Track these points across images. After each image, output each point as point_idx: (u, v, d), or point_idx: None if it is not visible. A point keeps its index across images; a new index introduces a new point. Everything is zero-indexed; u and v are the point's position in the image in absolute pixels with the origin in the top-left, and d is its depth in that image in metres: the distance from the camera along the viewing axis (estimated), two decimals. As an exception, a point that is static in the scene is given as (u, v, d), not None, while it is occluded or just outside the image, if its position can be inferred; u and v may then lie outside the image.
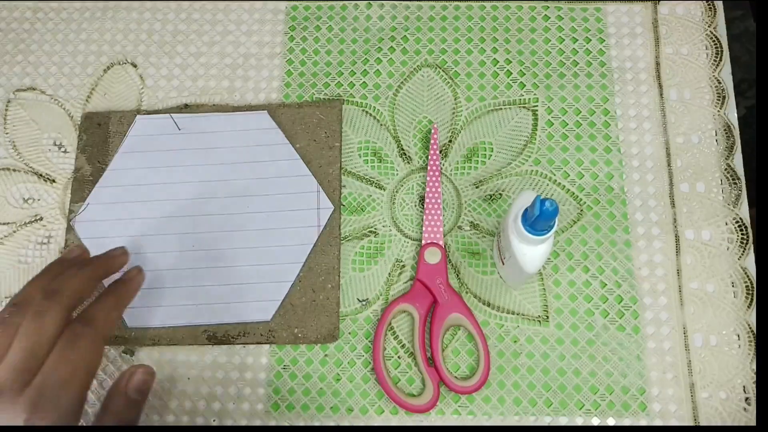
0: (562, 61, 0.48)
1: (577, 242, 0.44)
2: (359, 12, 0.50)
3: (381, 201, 0.45)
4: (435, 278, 0.42)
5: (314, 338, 0.42)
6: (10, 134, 0.48)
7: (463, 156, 0.46)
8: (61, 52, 0.49)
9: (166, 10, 0.50)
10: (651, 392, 0.41)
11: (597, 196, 0.45)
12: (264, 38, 0.49)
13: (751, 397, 0.41)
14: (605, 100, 0.47)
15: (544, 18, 0.49)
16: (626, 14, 0.49)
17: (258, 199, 0.45)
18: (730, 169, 0.45)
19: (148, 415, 0.41)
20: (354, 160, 0.46)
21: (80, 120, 0.47)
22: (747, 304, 0.43)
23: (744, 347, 0.42)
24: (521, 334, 0.43)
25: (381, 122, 0.47)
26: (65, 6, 0.51)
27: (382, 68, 0.48)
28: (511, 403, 0.41)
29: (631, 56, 0.48)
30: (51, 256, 0.45)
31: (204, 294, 0.43)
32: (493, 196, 0.45)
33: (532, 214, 0.34)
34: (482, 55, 0.48)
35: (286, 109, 0.47)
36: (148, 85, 0.48)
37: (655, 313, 0.43)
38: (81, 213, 0.45)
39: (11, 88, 0.49)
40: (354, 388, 0.42)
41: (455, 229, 0.45)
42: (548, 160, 0.46)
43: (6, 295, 0.44)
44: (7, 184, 0.47)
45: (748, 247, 0.44)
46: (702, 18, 0.49)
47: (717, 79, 0.47)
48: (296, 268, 0.44)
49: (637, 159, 0.46)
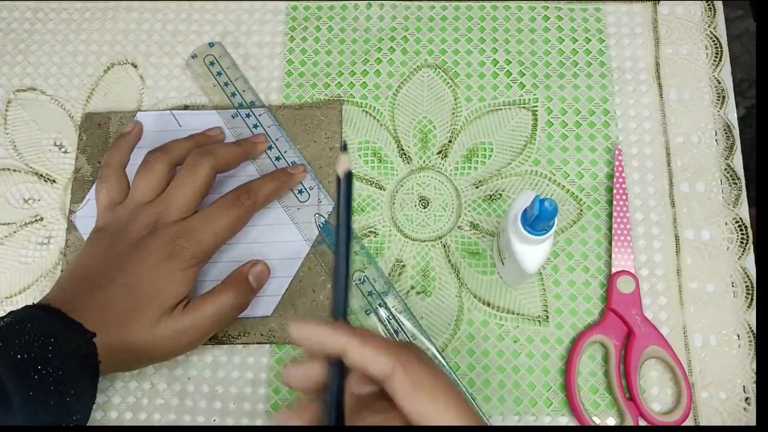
0: (562, 61, 0.48)
1: (577, 242, 0.44)
2: (359, 12, 0.50)
3: (381, 201, 0.45)
4: (630, 308, 0.41)
5: (314, 338, 0.42)
6: (11, 134, 0.48)
7: (463, 156, 0.46)
8: (61, 52, 0.49)
9: (166, 10, 0.50)
10: (651, 392, 0.41)
11: (597, 196, 0.45)
12: (264, 38, 0.49)
13: (751, 397, 0.41)
14: (605, 100, 0.47)
15: (544, 18, 0.49)
16: (626, 14, 0.49)
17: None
18: (730, 169, 0.45)
19: (150, 415, 0.41)
20: (354, 161, 0.46)
21: (80, 120, 0.48)
22: (747, 304, 0.43)
23: (744, 347, 0.42)
24: (521, 334, 0.43)
25: (381, 122, 0.47)
26: (65, 6, 0.51)
27: (382, 68, 0.48)
28: (511, 403, 0.41)
29: (630, 56, 0.48)
30: (51, 257, 0.45)
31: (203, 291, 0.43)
32: (493, 196, 0.45)
33: (531, 214, 0.34)
34: (482, 56, 0.48)
35: (286, 110, 0.47)
36: (148, 85, 0.48)
37: (654, 313, 0.43)
38: (81, 209, 0.45)
39: (11, 89, 0.49)
40: (354, 388, 0.42)
41: (455, 229, 0.45)
42: (548, 160, 0.46)
43: (6, 295, 0.44)
44: (8, 185, 0.47)
45: (748, 247, 0.44)
46: (702, 18, 0.49)
47: (717, 79, 0.47)
48: (296, 264, 0.44)
49: (637, 159, 0.46)
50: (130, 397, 0.42)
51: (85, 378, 0.35)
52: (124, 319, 0.36)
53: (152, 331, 0.37)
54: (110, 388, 0.42)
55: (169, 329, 0.37)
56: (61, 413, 0.33)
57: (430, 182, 0.46)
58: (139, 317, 0.37)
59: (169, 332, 0.37)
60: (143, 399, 0.42)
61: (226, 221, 0.40)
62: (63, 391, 0.33)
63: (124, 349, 0.36)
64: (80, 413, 0.34)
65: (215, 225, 0.40)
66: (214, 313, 0.39)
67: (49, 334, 0.34)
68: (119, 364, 0.37)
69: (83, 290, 0.37)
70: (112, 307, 0.37)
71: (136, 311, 0.37)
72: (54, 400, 0.32)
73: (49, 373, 0.33)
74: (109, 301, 0.37)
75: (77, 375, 0.34)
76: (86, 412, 0.35)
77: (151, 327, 0.37)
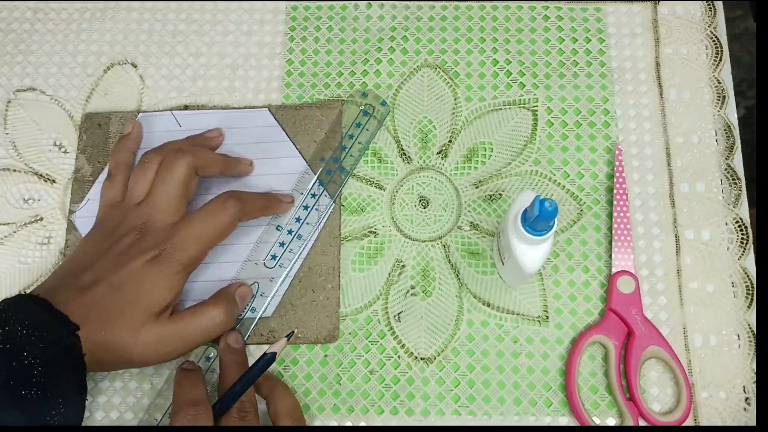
0: (562, 62, 0.48)
1: (577, 242, 0.44)
2: (359, 12, 0.50)
3: (381, 201, 0.45)
4: (630, 308, 0.41)
5: (314, 338, 0.42)
6: (11, 134, 0.48)
7: (463, 156, 0.46)
8: (61, 52, 0.49)
9: (166, 10, 0.50)
10: (651, 392, 0.41)
11: (597, 196, 0.45)
12: (264, 38, 0.49)
13: (751, 397, 0.41)
14: (605, 100, 0.47)
15: (544, 18, 0.49)
16: (626, 14, 0.49)
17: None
18: (730, 169, 0.45)
19: (150, 414, 0.41)
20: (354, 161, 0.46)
21: (80, 120, 0.48)
22: (747, 304, 0.43)
23: (744, 347, 0.42)
24: (521, 334, 0.43)
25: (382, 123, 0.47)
26: (65, 6, 0.51)
27: (382, 68, 0.48)
28: (511, 403, 0.41)
29: (630, 56, 0.48)
30: (51, 257, 0.45)
31: (203, 290, 0.43)
32: (493, 196, 0.45)
33: (531, 215, 0.34)
34: (482, 55, 0.48)
35: (286, 110, 0.47)
36: (148, 85, 0.48)
37: (654, 313, 0.43)
38: (81, 209, 0.45)
39: (11, 89, 0.49)
40: (354, 388, 0.42)
41: (455, 229, 0.45)
42: (548, 160, 0.46)
43: (6, 295, 0.44)
44: (8, 185, 0.47)
45: (748, 247, 0.44)
46: (702, 18, 0.49)
47: (717, 79, 0.47)
48: (297, 264, 0.44)
49: (637, 159, 0.46)
50: (130, 397, 0.42)
51: (68, 371, 0.34)
52: (107, 318, 0.36)
53: (135, 334, 0.37)
54: (110, 388, 0.42)
55: (152, 335, 0.37)
56: (42, 405, 0.33)
57: (430, 182, 0.46)
58: (123, 318, 0.37)
59: (152, 337, 0.37)
60: (143, 399, 0.42)
61: (213, 228, 0.39)
62: (45, 383, 0.33)
63: (104, 348, 0.36)
64: (64, 407, 0.34)
65: (201, 231, 0.39)
66: (202, 326, 0.39)
67: (34, 324, 0.34)
68: (97, 363, 0.37)
69: (71, 284, 0.37)
70: (97, 305, 0.36)
71: (121, 312, 0.37)
72: (36, 392, 0.32)
73: (31, 364, 0.32)
74: (95, 299, 0.37)
75: (60, 367, 0.34)
76: (73, 407, 0.35)
77: (134, 330, 0.37)
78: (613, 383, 0.40)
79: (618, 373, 0.41)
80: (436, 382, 0.42)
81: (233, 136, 0.46)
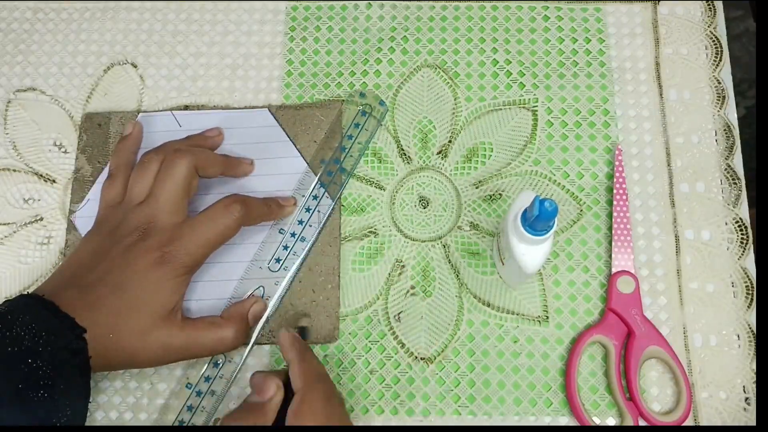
0: (561, 62, 0.48)
1: (577, 242, 0.44)
2: (359, 12, 0.50)
3: (381, 201, 0.45)
4: (630, 308, 0.41)
5: (314, 338, 0.42)
6: (11, 134, 0.48)
7: (463, 156, 0.46)
8: (61, 52, 0.49)
9: (166, 10, 0.50)
10: (651, 392, 0.41)
11: (597, 196, 0.45)
12: (264, 38, 0.49)
13: (751, 397, 0.41)
14: (605, 100, 0.47)
15: (544, 18, 0.49)
16: (626, 14, 0.49)
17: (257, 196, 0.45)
18: (730, 169, 0.45)
19: (150, 415, 0.41)
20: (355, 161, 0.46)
21: (80, 120, 0.48)
22: (747, 304, 0.43)
23: (744, 347, 0.42)
24: (521, 334, 0.43)
25: (381, 122, 0.47)
26: (65, 6, 0.51)
27: (382, 68, 0.48)
28: (511, 403, 0.41)
29: (630, 56, 0.48)
30: (51, 257, 0.45)
31: (202, 290, 0.43)
32: (493, 196, 0.45)
33: (531, 215, 0.34)
34: (482, 56, 0.48)
35: (286, 110, 0.47)
36: (148, 85, 0.48)
37: (654, 313, 0.43)
38: (81, 209, 0.45)
39: (11, 89, 0.49)
40: (354, 388, 0.42)
41: (455, 229, 0.45)
42: (548, 160, 0.46)
43: (6, 295, 0.44)
44: (8, 185, 0.47)
45: (748, 247, 0.44)
46: (702, 18, 0.49)
47: (717, 79, 0.47)
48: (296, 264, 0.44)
49: (637, 159, 0.46)
50: (130, 397, 0.42)
51: (75, 374, 0.34)
52: (114, 321, 0.36)
53: (143, 337, 0.37)
54: (110, 388, 0.42)
55: (160, 340, 0.37)
56: (50, 408, 0.33)
57: (430, 182, 0.46)
58: (129, 322, 0.37)
59: (160, 342, 0.37)
60: (143, 399, 0.42)
61: (216, 231, 0.39)
62: (52, 385, 0.33)
63: (111, 351, 0.36)
64: (70, 409, 0.34)
65: (204, 233, 0.39)
66: (210, 343, 0.39)
67: (42, 327, 0.34)
68: (102, 365, 0.37)
69: (74, 285, 0.37)
70: (102, 307, 0.36)
71: (127, 315, 0.37)
72: (43, 395, 0.32)
73: (39, 367, 0.32)
74: (99, 301, 0.37)
75: (67, 370, 0.34)
76: (78, 410, 0.35)
77: (142, 333, 0.37)
78: (613, 383, 0.41)
79: (618, 373, 0.41)
80: (436, 382, 0.42)
81: (233, 136, 0.46)
